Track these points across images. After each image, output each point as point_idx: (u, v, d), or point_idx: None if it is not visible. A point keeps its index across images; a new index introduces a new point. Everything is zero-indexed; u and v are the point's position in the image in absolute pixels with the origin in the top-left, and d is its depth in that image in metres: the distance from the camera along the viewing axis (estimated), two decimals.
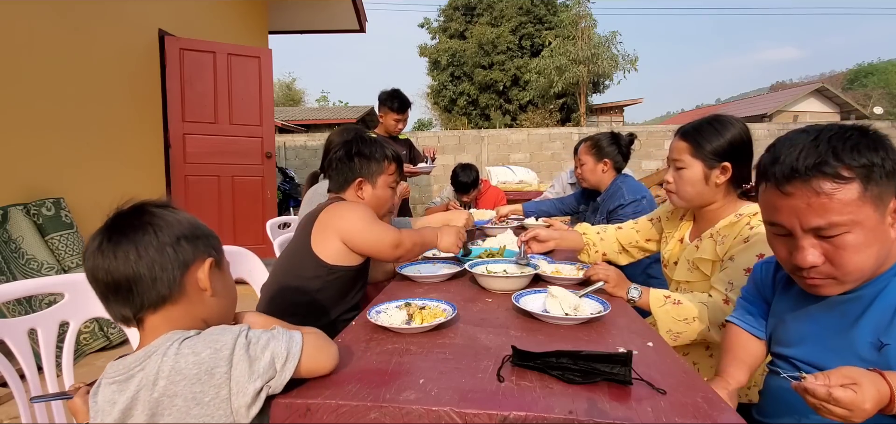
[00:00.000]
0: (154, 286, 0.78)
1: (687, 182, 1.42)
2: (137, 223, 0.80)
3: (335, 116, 18.82)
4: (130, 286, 0.77)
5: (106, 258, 0.77)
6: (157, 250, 0.78)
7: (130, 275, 0.77)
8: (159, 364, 0.72)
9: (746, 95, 32.15)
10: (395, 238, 1.42)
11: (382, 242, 1.41)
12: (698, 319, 1.26)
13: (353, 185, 1.56)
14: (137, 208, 0.83)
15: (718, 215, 1.41)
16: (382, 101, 3.37)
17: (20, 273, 2.82)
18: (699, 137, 1.39)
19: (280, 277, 1.47)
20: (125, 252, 0.77)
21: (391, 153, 1.61)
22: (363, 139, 1.60)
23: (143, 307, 0.78)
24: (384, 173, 1.59)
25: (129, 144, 3.95)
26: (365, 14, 6.89)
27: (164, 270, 0.78)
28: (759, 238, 1.25)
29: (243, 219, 4.71)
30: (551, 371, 0.85)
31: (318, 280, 1.41)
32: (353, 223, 1.41)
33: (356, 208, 1.44)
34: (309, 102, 30.01)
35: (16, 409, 2.29)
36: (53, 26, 3.26)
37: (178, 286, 0.80)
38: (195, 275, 0.82)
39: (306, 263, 1.42)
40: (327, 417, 0.78)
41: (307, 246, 1.42)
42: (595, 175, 2.45)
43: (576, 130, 10.48)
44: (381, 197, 1.60)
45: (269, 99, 4.78)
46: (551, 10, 18.78)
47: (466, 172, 3.58)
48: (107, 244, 0.77)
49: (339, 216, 1.42)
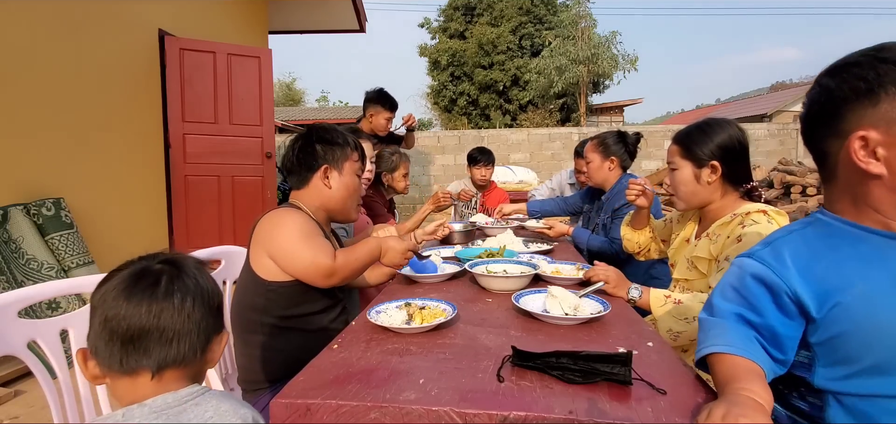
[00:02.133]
0: (192, 344, 0.76)
1: (679, 182, 1.48)
2: (189, 282, 0.77)
3: (335, 116, 18.82)
4: (173, 337, 0.74)
5: (156, 301, 0.73)
6: (203, 311, 0.77)
7: (178, 325, 0.74)
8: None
9: (746, 95, 32.13)
10: (327, 267, 1.28)
11: (314, 268, 1.28)
12: (698, 318, 1.26)
13: (317, 174, 1.44)
14: (183, 264, 0.79)
15: (719, 214, 1.43)
16: (371, 99, 3.31)
17: (20, 274, 2.82)
18: (688, 140, 1.46)
19: (237, 292, 1.41)
20: (181, 302, 0.74)
21: (353, 140, 1.53)
22: (323, 127, 1.52)
23: (174, 361, 0.75)
24: (349, 159, 1.49)
25: (129, 144, 3.95)
26: (365, 14, 6.89)
27: (204, 331, 0.77)
28: (752, 237, 1.26)
29: (243, 219, 4.70)
30: (551, 371, 0.85)
31: (260, 298, 1.33)
32: (282, 244, 1.29)
33: (290, 223, 1.31)
34: (309, 102, 30.01)
35: (16, 409, 2.30)
36: (53, 26, 3.26)
37: (202, 353, 0.78)
38: (214, 349, 0.81)
39: (249, 280, 1.36)
40: (327, 417, 0.78)
41: (248, 262, 1.36)
42: (601, 173, 2.46)
43: (576, 130, 10.49)
44: (349, 185, 1.49)
45: (269, 99, 4.78)
46: (551, 10, 18.77)
47: (484, 152, 3.63)
48: (162, 289, 0.74)
49: (268, 233, 1.32)
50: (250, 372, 1.38)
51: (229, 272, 1.68)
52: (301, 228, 1.31)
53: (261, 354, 1.35)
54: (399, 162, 2.82)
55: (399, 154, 2.86)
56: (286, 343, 1.36)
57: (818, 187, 7.86)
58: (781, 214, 1.35)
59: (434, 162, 10.45)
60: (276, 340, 1.36)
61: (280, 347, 1.36)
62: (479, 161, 3.59)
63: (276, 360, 1.35)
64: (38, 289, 1.14)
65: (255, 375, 1.37)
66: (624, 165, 2.44)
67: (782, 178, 8.22)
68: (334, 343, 1.03)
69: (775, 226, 1.30)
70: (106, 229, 3.61)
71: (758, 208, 1.34)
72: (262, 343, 1.35)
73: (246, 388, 1.39)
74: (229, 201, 4.66)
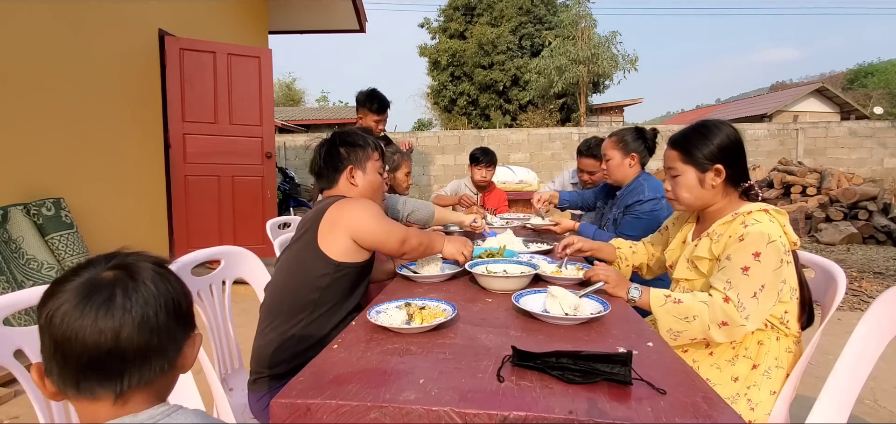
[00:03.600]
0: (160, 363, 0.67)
1: (683, 188, 1.45)
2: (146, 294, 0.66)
3: (335, 116, 18.82)
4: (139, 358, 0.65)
5: (104, 320, 0.62)
6: (169, 321, 0.68)
7: (145, 345, 0.64)
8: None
9: (746, 95, 32.11)
10: (402, 235, 1.47)
11: (391, 237, 1.45)
12: (698, 318, 1.27)
13: (344, 174, 1.59)
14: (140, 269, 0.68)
15: (719, 214, 1.43)
16: (360, 102, 3.28)
17: (20, 274, 2.82)
18: (688, 144, 1.43)
19: (285, 276, 1.47)
20: (140, 319, 0.65)
21: (373, 141, 1.65)
22: (345, 131, 1.65)
23: (140, 382, 0.65)
24: (371, 159, 1.62)
25: (129, 143, 3.95)
26: (365, 14, 6.89)
27: (171, 344, 0.68)
28: (754, 236, 1.26)
29: (243, 219, 4.70)
30: (551, 371, 0.85)
31: (326, 277, 1.41)
32: (362, 219, 1.43)
33: (364, 203, 1.47)
34: (309, 102, 30.02)
35: (16, 409, 2.30)
36: (53, 26, 3.26)
37: (172, 366, 0.69)
38: (187, 354, 0.72)
39: (314, 261, 1.42)
40: (327, 417, 0.78)
41: (314, 244, 1.42)
42: (621, 170, 2.39)
43: (576, 131, 10.49)
44: (373, 182, 1.63)
45: (269, 99, 4.78)
46: (551, 10, 18.76)
47: (486, 153, 3.62)
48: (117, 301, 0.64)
49: (348, 213, 1.44)
50: (275, 358, 1.39)
51: (229, 272, 1.68)
52: (375, 207, 1.48)
53: (294, 340, 1.39)
54: (401, 161, 2.82)
55: (400, 153, 2.85)
56: (320, 329, 1.42)
57: (818, 186, 7.87)
58: (782, 212, 1.35)
59: (434, 162, 10.45)
60: (312, 326, 1.41)
61: (310, 334, 1.40)
62: (480, 161, 3.59)
63: (308, 345, 1.39)
64: (15, 297, 1.11)
65: (282, 360, 1.39)
66: (643, 161, 2.39)
67: (782, 178, 8.22)
68: (334, 343, 1.03)
69: (776, 224, 1.30)
70: (106, 229, 3.61)
71: (759, 208, 1.34)
72: (304, 324, 1.40)
73: (258, 375, 1.41)
74: (229, 201, 4.66)
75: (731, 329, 1.24)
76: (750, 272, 1.24)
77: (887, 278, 4.69)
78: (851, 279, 4.54)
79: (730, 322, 1.23)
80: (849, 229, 6.57)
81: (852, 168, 9.68)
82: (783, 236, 1.29)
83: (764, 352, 1.32)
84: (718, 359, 1.35)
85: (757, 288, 1.23)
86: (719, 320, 1.24)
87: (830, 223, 6.89)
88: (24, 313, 2.63)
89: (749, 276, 1.24)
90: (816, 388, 1.09)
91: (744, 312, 1.23)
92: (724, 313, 1.23)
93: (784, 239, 1.29)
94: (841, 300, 1.32)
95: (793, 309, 1.35)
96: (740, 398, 1.29)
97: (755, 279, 1.24)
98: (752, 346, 1.34)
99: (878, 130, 10.58)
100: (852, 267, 5.07)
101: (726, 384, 1.31)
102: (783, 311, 1.33)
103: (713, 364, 1.35)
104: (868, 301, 3.94)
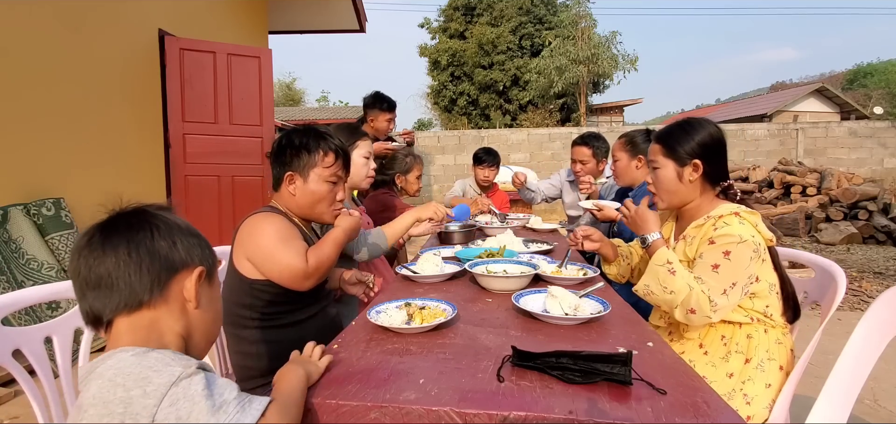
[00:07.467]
0: (133, 286, 0.71)
1: (662, 181, 1.50)
2: (133, 221, 0.75)
3: (335, 116, 18.81)
4: (111, 283, 0.71)
5: (94, 252, 0.72)
6: (148, 249, 0.73)
7: (112, 270, 0.71)
8: (94, 389, 0.64)
9: (746, 95, 32.13)
10: (300, 271, 1.26)
11: (289, 273, 1.27)
12: (675, 294, 1.30)
13: (284, 180, 1.41)
14: (135, 208, 0.78)
15: (695, 214, 1.47)
16: (370, 104, 3.31)
17: (20, 274, 2.82)
18: (670, 139, 1.48)
19: (224, 291, 1.40)
20: (114, 247, 0.72)
21: (334, 145, 1.43)
22: (301, 130, 1.44)
23: (117, 308, 0.71)
24: (318, 165, 1.40)
25: (129, 143, 3.95)
26: (365, 14, 6.89)
27: (149, 270, 0.72)
28: (723, 239, 1.31)
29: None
30: (551, 371, 0.85)
31: (246, 296, 1.33)
32: (257, 248, 1.29)
33: (266, 227, 1.31)
34: (309, 102, 30.01)
35: (16, 409, 2.30)
36: (53, 26, 3.26)
37: (161, 290, 0.73)
38: (182, 282, 0.76)
39: (232, 279, 1.36)
40: (327, 417, 0.78)
41: (231, 262, 1.36)
42: (629, 172, 2.39)
43: (576, 130, 10.49)
44: (315, 192, 1.41)
45: (269, 99, 4.78)
46: (551, 10, 18.78)
47: (490, 153, 3.65)
48: (97, 239, 0.73)
49: (247, 235, 1.32)
50: (244, 368, 1.40)
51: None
52: (277, 232, 1.30)
53: (255, 349, 1.37)
54: (412, 164, 2.79)
55: (413, 156, 2.82)
56: (278, 335, 1.38)
57: (818, 186, 7.87)
58: (753, 213, 1.39)
59: (434, 162, 10.44)
60: (268, 333, 1.37)
61: (272, 339, 1.37)
62: (484, 162, 3.61)
63: (269, 353, 1.37)
64: (15, 297, 1.11)
65: (250, 369, 1.38)
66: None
67: (782, 178, 8.21)
68: (334, 343, 1.03)
69: (747, 226, 1.34)
70: None
71: (730, 211, 1.38)
72: (254, 338, 1.37)
73: (242, 377, 1.41)
74: (229, 201, 4.66)
75: (697, 318, 1.28)
76: (720, 270, 1.29)
77: (887, 278, 4.69)
78: (851, 278, 4.54)
79: (697, 311, 1.27)
80: (849, 229, 6.58)
81: (852, 168, 9.68)
82: (757, 235, 1.33)
83: (754, 346, 1.34)
84: (713, 357, 1.38)
85: (727, 285, 1.28)
86: (690, 306, 1.28)
87: (830, 223, 6.89)
88: (24, 313, 2.63)
89: (719, 273, 1.29)
90: (816, 388, 1.09)
91: (713, 305, 1.28)
92: (698, 303, 1.27)
93: (758, 237, 1.34)
94: (841, 300, 1.32)
95: (774, 304, 1.38)
96: (736, 393, 1.30)
97: (725, 276, 1.28)
98: (741, 341, 1.36)
99: (878, 130, 10.58)
100: (852, 267, 5.07)
101: (722, 380, 1.32)
102: (764, 305, 1.36)
103: (708, 362, 1.37)
104: (868, 301, 3.94)
